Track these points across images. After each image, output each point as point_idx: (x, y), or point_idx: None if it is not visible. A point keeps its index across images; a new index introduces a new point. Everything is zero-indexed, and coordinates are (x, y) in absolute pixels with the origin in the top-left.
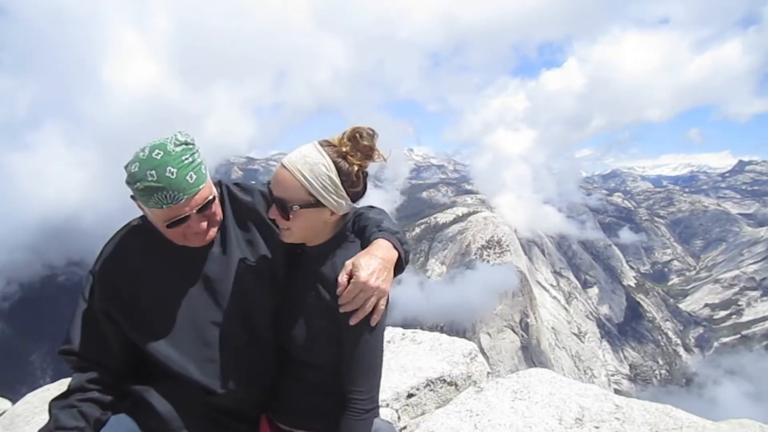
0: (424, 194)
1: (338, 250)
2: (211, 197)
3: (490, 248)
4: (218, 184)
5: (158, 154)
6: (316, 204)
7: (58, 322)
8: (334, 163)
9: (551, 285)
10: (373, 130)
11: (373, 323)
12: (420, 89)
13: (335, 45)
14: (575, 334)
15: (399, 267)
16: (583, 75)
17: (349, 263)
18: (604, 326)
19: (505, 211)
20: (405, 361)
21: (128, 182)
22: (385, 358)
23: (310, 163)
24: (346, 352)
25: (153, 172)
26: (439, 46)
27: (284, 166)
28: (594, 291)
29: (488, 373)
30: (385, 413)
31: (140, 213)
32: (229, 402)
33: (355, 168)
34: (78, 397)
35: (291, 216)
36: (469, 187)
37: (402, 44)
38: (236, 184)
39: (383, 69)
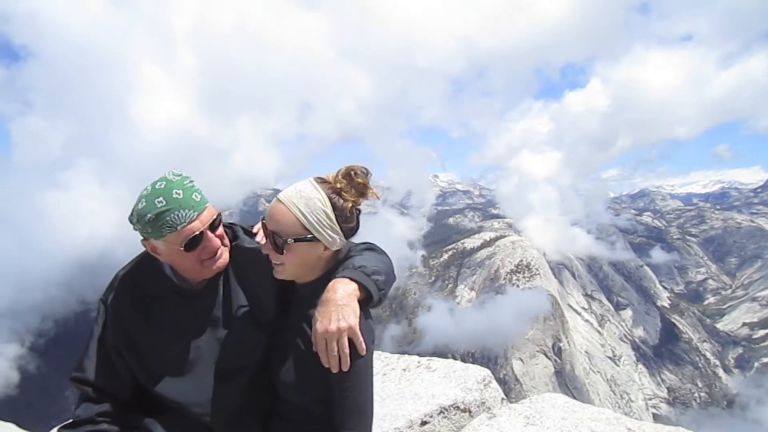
0: (451, 220)
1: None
2: (219, 217)
3: (519, 272)
4: (229, 226)
5: (161, 184)
6: (311, 239)
7: None
8: (329, 198)
9: (583, 308)
10: (366, 169)
11: (344, 366)
12: (443, 115)
13: (357, 75)
14: (610, 358)
15: (371, 298)
16: (606, 95)
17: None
18: (639, 349)
19: (533, 235)
20: (419, 388)
21: (137, 221)
22: (399, 387)
23: (305, 197)
24: (335, 395)
25: (161, 198)
26: (460, 72)
27: (280, 200)
28: (627, 313)
29: (502, 399)
30: None
31: None
32: None
33: (349, 204)
34: (87, 428)
35: (285, 250)
36: (495, 212)
37: (423, 72)
38: (241, 226)
39: (406, 97)
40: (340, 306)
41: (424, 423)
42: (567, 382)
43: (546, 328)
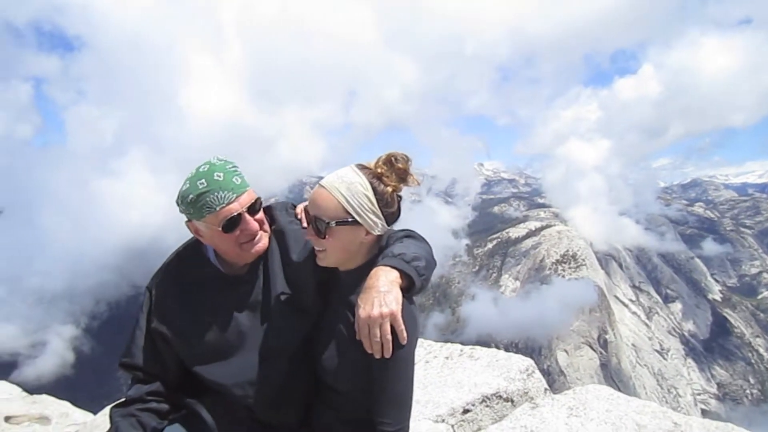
0: (496, 209)
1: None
2: (259, 201)
3: (565, 263)
4: (267, 209)
5: (204, 167)
6: (352, 222)
7: None
8: (370, 183)
9: (630, 300)
10: (407, 156)
11: (386, 353)
12: (489, 103)
13: (403, 62)
14: (657, 351)
15: (414, 285)
16: (659, 81)
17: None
18: (689, 343)
19: (580, 225)
20: (462, 377)
21: (181, 202)
22: (441, 374)
23: (347, 182)
24: (375, 383)
25: (203, 180)
26: (507, 60)
27: (322, 186)
28: (677, 306)
29: (545, 389)
30: (440, 428)
31: None
32: (269, 419)
33: (390, 189)
34: (138, 407)
35: (327, 234)
36: (541, 201)
37: (470, 59)
38: (283, 203)
39: (452, 85)
40: (382, 292)
41: (466, 411)
42: (612, 375)
43: (592, 319)
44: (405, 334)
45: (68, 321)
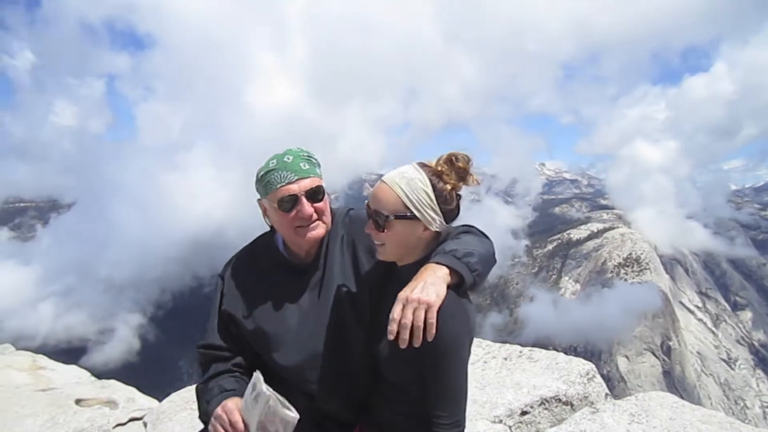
0: (557, 210)
1: None
2: (322, 190)
3: (627, 266)
4: (339, 210)
5: (282, 151)
6: (411, 217)
7: None
8: (430, 180)
9: (696, 306)
10: (468, 156)
11: (429, 337)
12: (552, 101)
13: (464, 61)
14: (724, 361)
15: (468, 282)
16: (732, 80)
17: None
18: (759, 353)
19: (644, 227)
20: (520, 378)
21: (256, 181)
22: (499, 375)
23: (407, 178)
24: (426, 376)
25: (274, 160)
26: (571, 57)
27: (383, 181)
28: (746, 314)
29: (606, 394)
30: (497, 429)
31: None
32: (328, 408)
33: (449, 187)
34: (228, 375)
35: (386, 228)
36: (604, 202)
37: (533, 57)
38: (355, 214)
39: (514, 83)
40: (426, 283)
41: (524, 413)
42: (676, 383)
43: (655, 325)
44: (434, 330)
45: (135, 309)
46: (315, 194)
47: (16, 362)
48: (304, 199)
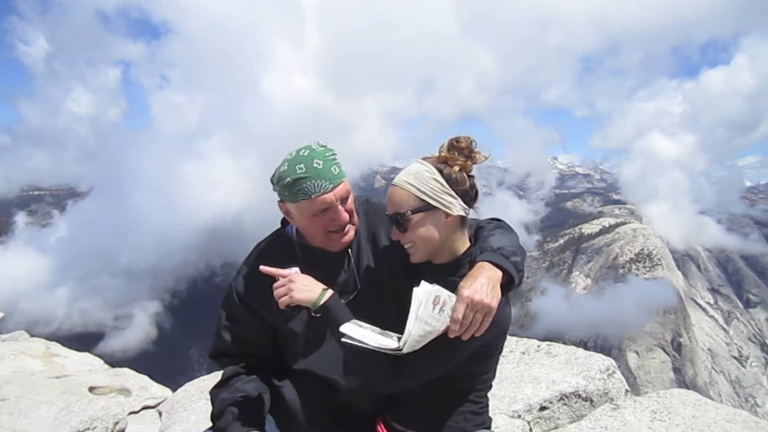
0: (569, 204)
1: (465, 270)
2: (350, 193)
3: (639, 261)
4: (357, 199)
5: (305, 152)
6: (428, 207)
7: (212, 320)
8: (437, 168)
9: (708, 303)
10: (470, 137)
11: (465, 336)
12: (567, 94)
13: (480, 53)
14: (735, 358)
15: (513, 281)
16: (753, 74)
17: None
18: None
19: (657, 223)
20: (539, 373)
21: (276, 182)
22: (517, 369)
23: (413, 173)
24: (458, 369)
25: (302, 165)
26: (588, 50)
27: (392, 185)
28: (759, 312)
29: (626, 390)
30: (516, 424)
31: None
32: (348, 398)
33: (457, 168)
34: (243, 379)
35: (408, 227)
36: (617, 197)
37: (549, 49)
38: (374, 201)
39: (530, 76)
40: (489, 285)
41: (543, 408)
42: (686, 380)
43: (666, 321)
44: (482, 332)
45: (153, 297)
46: (348, 198)
47: (31, 349)
48: (340, 207)
